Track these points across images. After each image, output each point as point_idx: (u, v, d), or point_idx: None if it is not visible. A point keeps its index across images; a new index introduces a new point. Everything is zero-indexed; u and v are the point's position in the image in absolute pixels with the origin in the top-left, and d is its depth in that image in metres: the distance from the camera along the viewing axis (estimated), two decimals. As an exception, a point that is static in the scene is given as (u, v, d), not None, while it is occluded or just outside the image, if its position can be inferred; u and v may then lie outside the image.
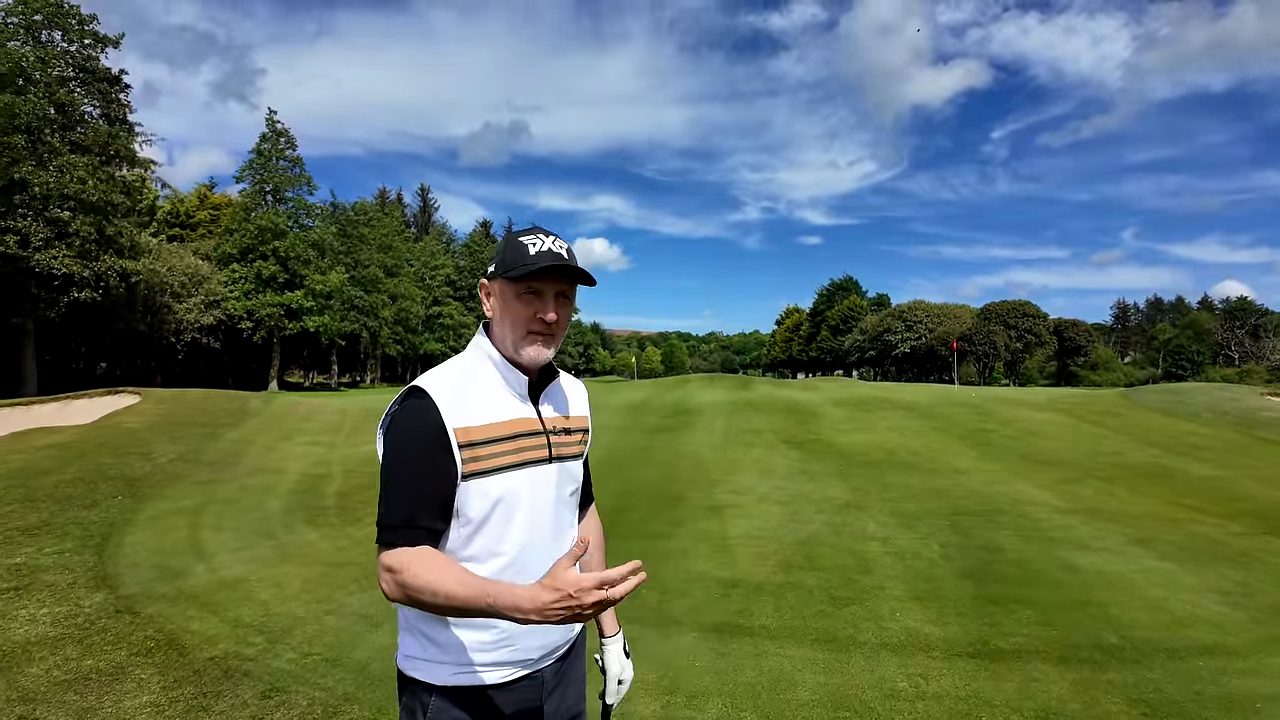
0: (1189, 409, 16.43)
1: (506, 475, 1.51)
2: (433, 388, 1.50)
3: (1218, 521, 7.50)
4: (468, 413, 1.49)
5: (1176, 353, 79.42)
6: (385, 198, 76.83)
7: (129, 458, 10.35)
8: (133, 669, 4.16)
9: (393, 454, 1.47)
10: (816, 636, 4.63)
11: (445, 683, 1.49)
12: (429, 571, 1.35)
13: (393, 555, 1.40)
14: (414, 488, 1.44)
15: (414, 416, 1.47)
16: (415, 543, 1.41)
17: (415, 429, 1.46)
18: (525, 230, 1.60)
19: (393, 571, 1.38)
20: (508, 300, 1.57)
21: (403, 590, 1.37)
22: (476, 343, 1.64)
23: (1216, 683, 3.90)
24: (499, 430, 1.52)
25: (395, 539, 1.41)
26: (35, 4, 28.61)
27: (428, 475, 1.44)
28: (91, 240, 29.22)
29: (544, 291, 1.55)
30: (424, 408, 1.47)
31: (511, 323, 1.57)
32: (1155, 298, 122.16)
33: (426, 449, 1.45)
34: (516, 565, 1.53)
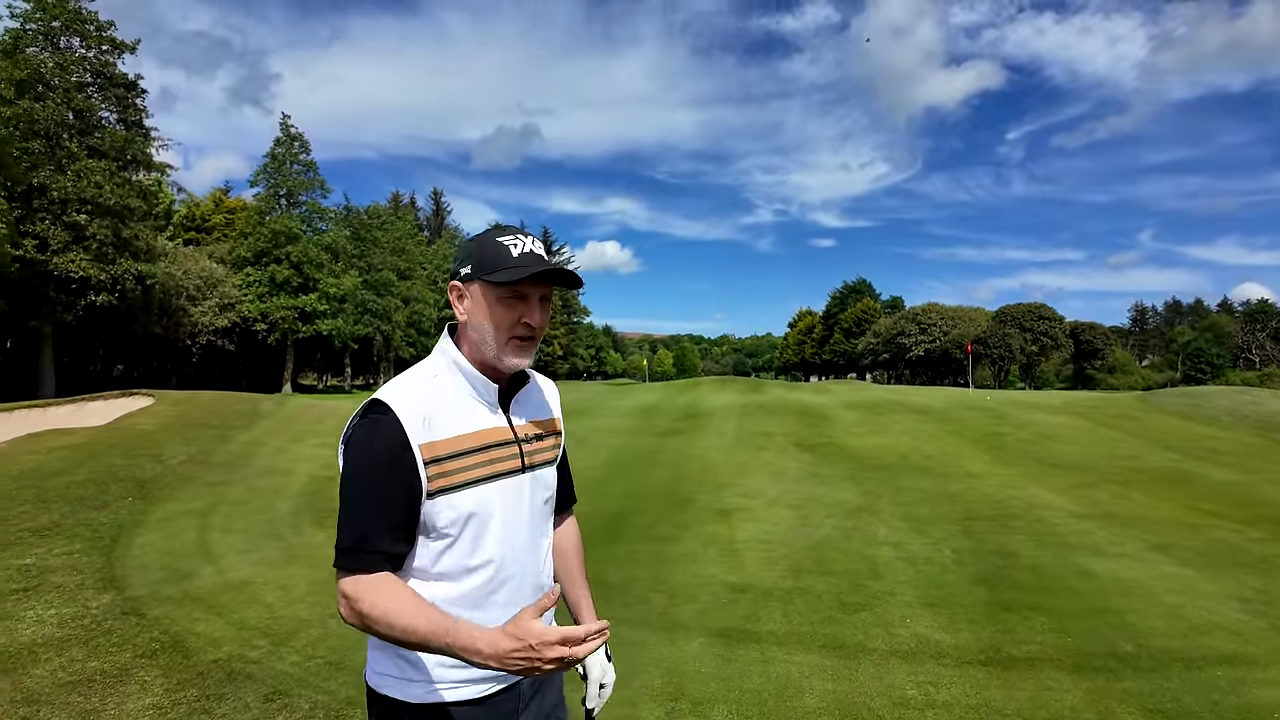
0: (1208, 413, 16.17)
1: (477, 489, 1.45)
2: (395, 400, 1.41)
3: (1237, 527, 7.36)
4: (433, 426, 1.42)
5: (1195, 356, 78.55)
6: (399, 201, 77.21)
7: (140, 459, 10.41)
8: (137, 671, 4.16)
9: (351, 473, 1.39)
10: (825, 643, 4.56)
11: (420, 700, 1.43)
12: (387, 601, 1.30)
13: (350, 582, 1.34)
14: (373, 510, 1.37)
15: (374, 432, 1.39)
16: (373, 568, 1.35)
17: (376, 446, 1.38)
18: (500, 229, 1.52)
19: (349, 599, 1.33)
20: (489, 304, 1.48)
21: (360, 619, 1.32)
22: (442, 349, 1.55)
23: (1235, 692, 3.80)
24: (467, 443, 1.45)
25: (352, 563, 1.35)
26: (54, 11, 28.99)
27: (388, 496, 1.37)
28: (108, 244, 29.53)
29: (529, 296, 1.49)
30: (386, 423, 1.39)
31: (494, 328, 1.48)
32: (1173, 300, 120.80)
33: (388, 468, 1.37)
34: (492, 581, 1.48)
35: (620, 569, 6.23)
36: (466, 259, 1.50)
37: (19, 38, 28.53)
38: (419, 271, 61.42)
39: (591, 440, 15.30)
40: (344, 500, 1.39)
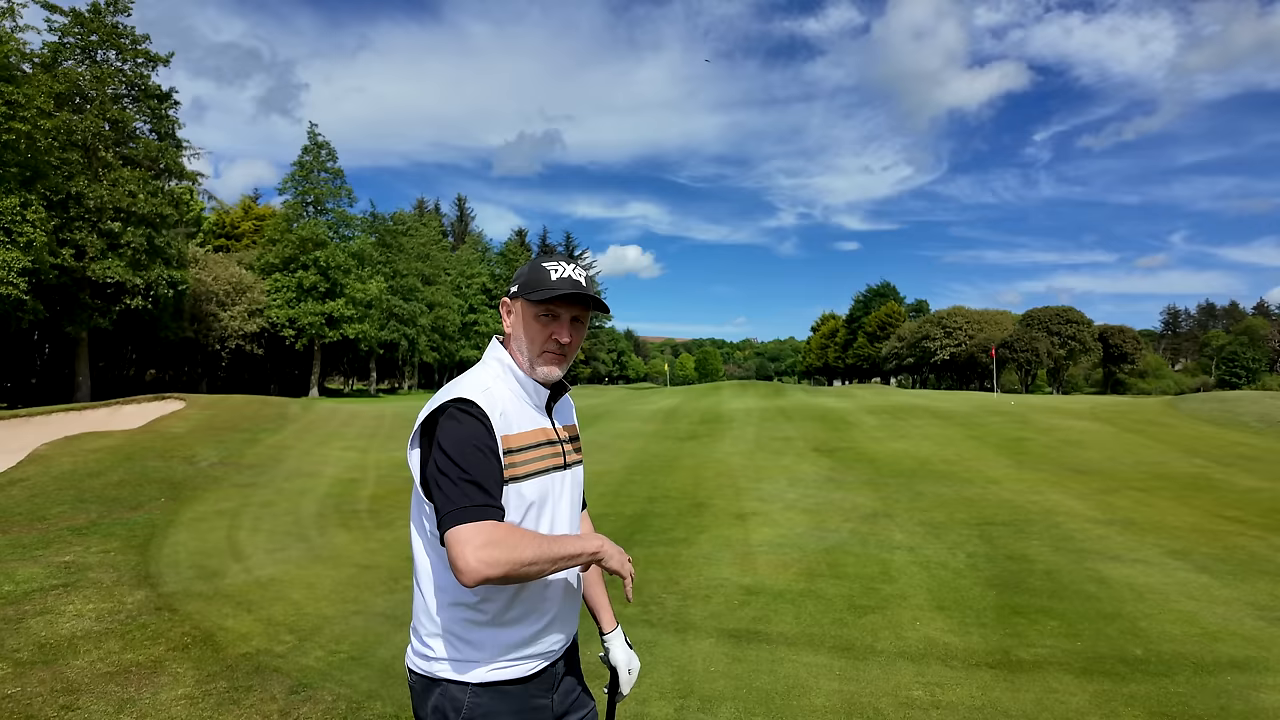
0: (1239, 418, 15.92)
1: (538, 480, 1.62)
2: (478, 397, 1.55)
3: (1260, 534, 7.28)
4: (507, 421, 1.58)
5: (1230, 360, 76.89)
6: (423, 208, 78.20)
7: (173, 461, 10.72)
8: (170, 663, 4.34)
9: (455, 449, 1.47)
10: (834, 644, 4.62)
11: (481, 680, 1.56)
12: (525, 535, 1.45)
13: (490, 528, 1.40)
14: (484, 475, 1.48)
15: (468, 422, 1.52)
16: (485, 519, 1.42)
17: (470, 429, 1.51)
18: (549, 256, 1.72)
19: (491, 544, 1.37)
20: (527, 320, 1.68)
21: (510, 553, 1.37)
22: (496, 356, 1.72)
23: (1244, 698, 3.81)
24: (529, 438, 1.62)
25: (478, 516, 1.41)
26: (92, 26, 29.87)
27: (492, 465, 1.51)
28: (142, 251, 30.30)
29: (561, 315, 1.67)
30: (475, 415, 1.53)
31: (529, 341, 1.67)
32: (1207, 303, 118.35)
33: (487, 444, 1.51)
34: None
35: (637, 570, 6.29)
36: (517, 279, 1.71)
37: (58, 51, 29.45)
38: (443, 277, 62.15)
39: (612, 444, 15.43)
40: (450, 471, 1.45)
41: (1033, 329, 68.30)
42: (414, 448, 1.61)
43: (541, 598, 1.63)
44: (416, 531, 1.64)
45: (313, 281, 44.27)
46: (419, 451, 1.59)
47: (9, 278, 23.28)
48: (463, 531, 1.38)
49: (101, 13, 30.26)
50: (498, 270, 73.73)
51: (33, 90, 24.42)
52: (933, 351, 75.24)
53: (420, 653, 1.61)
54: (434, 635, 1.59)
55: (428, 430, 1.56)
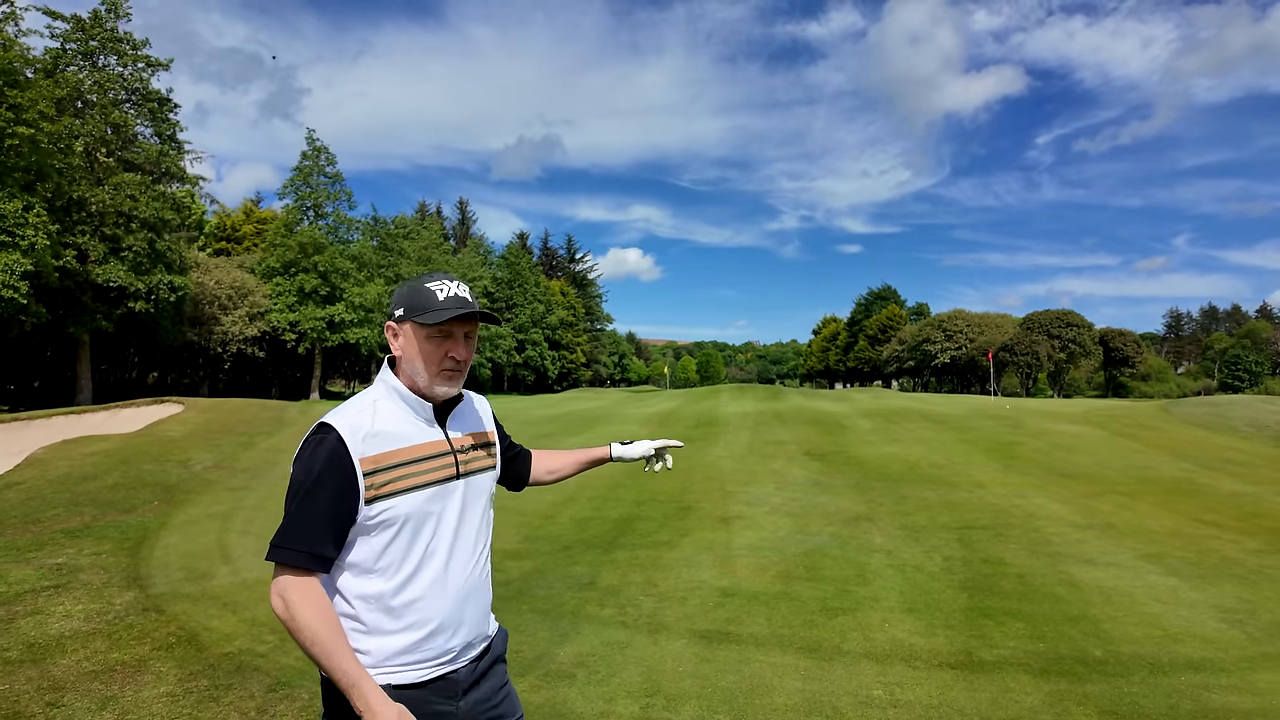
0: (1229, 422, 16.00)
1: (412, 495, 1.66)
2: (338, 422, 1.62)
3: (1235, 538, 7.37)
4: (373, 441, 1.63)
5: (1233, 363, 76.86)
6: (425, 211, 78.52)
7: (168, 465, 10.87)
8: (154, 662, 4.46)
9: (296, 482, 1.59)
10: (802, 645, 4.74)
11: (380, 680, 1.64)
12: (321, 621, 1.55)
13: (292, 584, 1.55)
14: (315, 517, 1.57)
15: (319, 448, 1.59)
16: (304, 566, 1.56)
17: (321, 462, 1.58)
18: (427, 276, 1.76)
19: (289, 602, 1.54)
20: (419, 342, 1.71)
21: (293, 619, 1.53)
22: (382, 378, 1.77)
23: (1195, 698, 3.91)
24: (404, 455, 1.67)
25: (289, 559, 1.55)
26: (93, 31, 30.13)
27: (324, 505, 1.57)
28: (144, 255, 30.51)
29: (454, 333, 1.72)
30: (329, 441, 1.60)
31: (425, 362, 1.71)
32: (1210, 306, 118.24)
33: (328, 480, 1.58)
34: (433, 576, 1.69)
35: (617, 573, 6.46)
36: (400, 303, 1.73)
37: (59, 57, 29.71)
38: (444, 280, 62.22)
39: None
40: (289, 504, 1.59)
41: (1033, 332, 68.33)
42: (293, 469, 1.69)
43: (429, 608, 1.68)
44: None
45: (313, 285, 44.45)
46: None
47: (11, 281, 23.48)
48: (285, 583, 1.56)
49: (102, 19, 30.53)
50: (500, 274, 73.97)
51: (35, 95, 24.65)
52: (933, 355, 75.26)
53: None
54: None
55: (296, 454, 1.64)
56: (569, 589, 6.00)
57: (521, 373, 74.45)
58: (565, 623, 5.20)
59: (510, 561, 6.84)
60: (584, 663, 4.47)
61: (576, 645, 4.75)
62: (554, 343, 78.56)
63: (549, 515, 8.85)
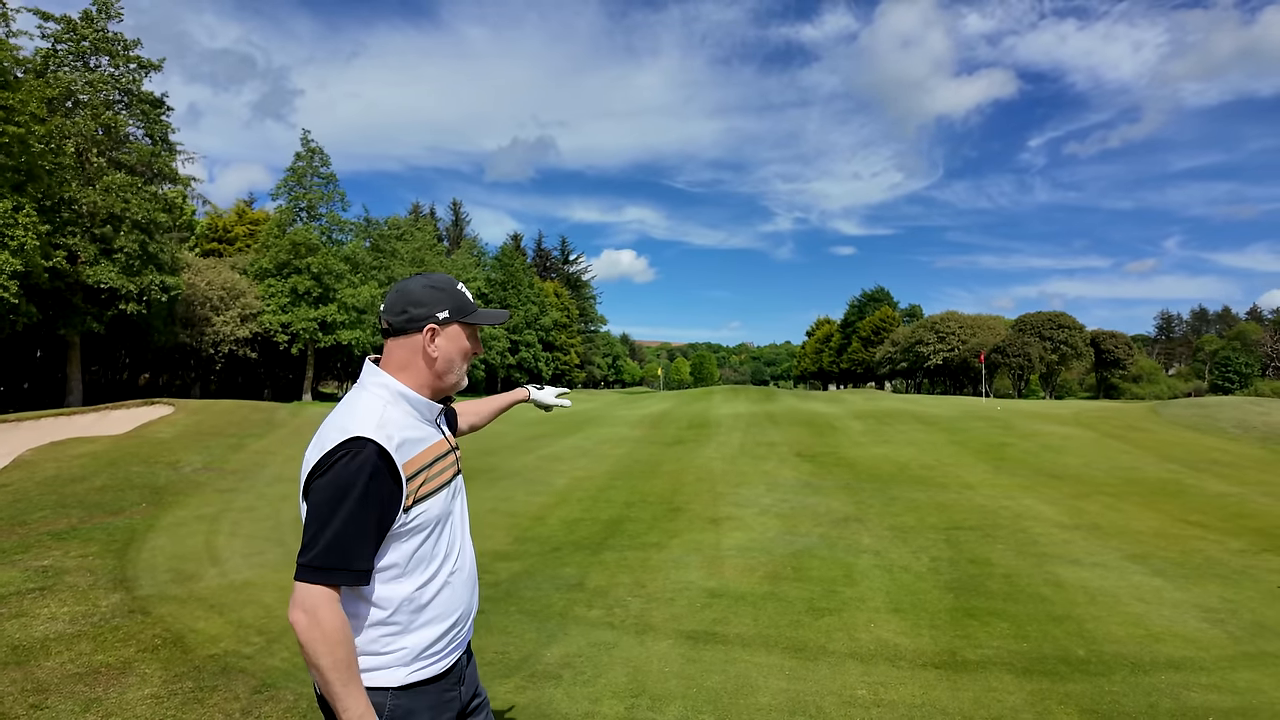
0: (1216, 424, 16.11)
1: (441, 494, 1.74)
2: (371, 432, 1.57)
3: (1219, 538, 7.43)
4: (404, 448, 1.63)
5: (1223, 365, 77.21)
6: (418, 212, 78.35)
7: (157, 467, 10.82)
8: (138, 664, 4.45)
9: (338, 498, 1.51)
10: (788, 645, 4.76)
11: (401, 682, 1.64)
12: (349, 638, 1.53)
13: (325, 602, 1.50)
14: (360, 531, 1.53)
15: (360, 462, 1.53)
16: (343, 585, 1.53)
17: (365, 474, 1.53)
18: (446, 277, 1.83)
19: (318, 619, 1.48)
20: (459, 340, 1.81)
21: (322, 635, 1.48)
22: (382, 383, 1.72)
23: (1175, 696, 3.95)
24: (428, 456, 1.71)
25: (333, 579, 1.51)
26: (84, 31, 29.99)
27: (372, 518, 1.54)
28: (135, 256, 30.34)
29: (478, 331, 1.88)
30: (369, 452, 1.55)
31: (461, 359, 1.82)
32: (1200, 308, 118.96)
33: (376, 493, 1.54)
34: (452, 565, 1.77)
35: (606, 574, 6.47)
36: (442, 304, 1.77)
37: (49, 57, 29.56)
38: (437, 281, 62.09)
39: (596, 450, 15.55)
40: (329, 523, 1.50)
41: (1025, 334, 68.55)
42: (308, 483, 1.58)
43: (452, 598, 1.75)
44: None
45: (306, 287, 44.30)
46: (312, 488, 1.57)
47: (1, 281, 23.33)
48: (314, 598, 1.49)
49: (93, 19, 30.37)
50: (493, 275, 73.83)
51: (26, 95, 24.51)
52: (926, 356, 75.44)
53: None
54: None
55: (325, 468, 1.55)
56: (557, 590, 6.01)
57: (515, 374, 74.34)
58: (553, 624, 5.21)
59: (499, 563, 6.85)
60: (570, 663, 4.48)
61: (563, 646, 4.76)
62: (548, 344, 78.48)
63: (539, 517, 8.85)
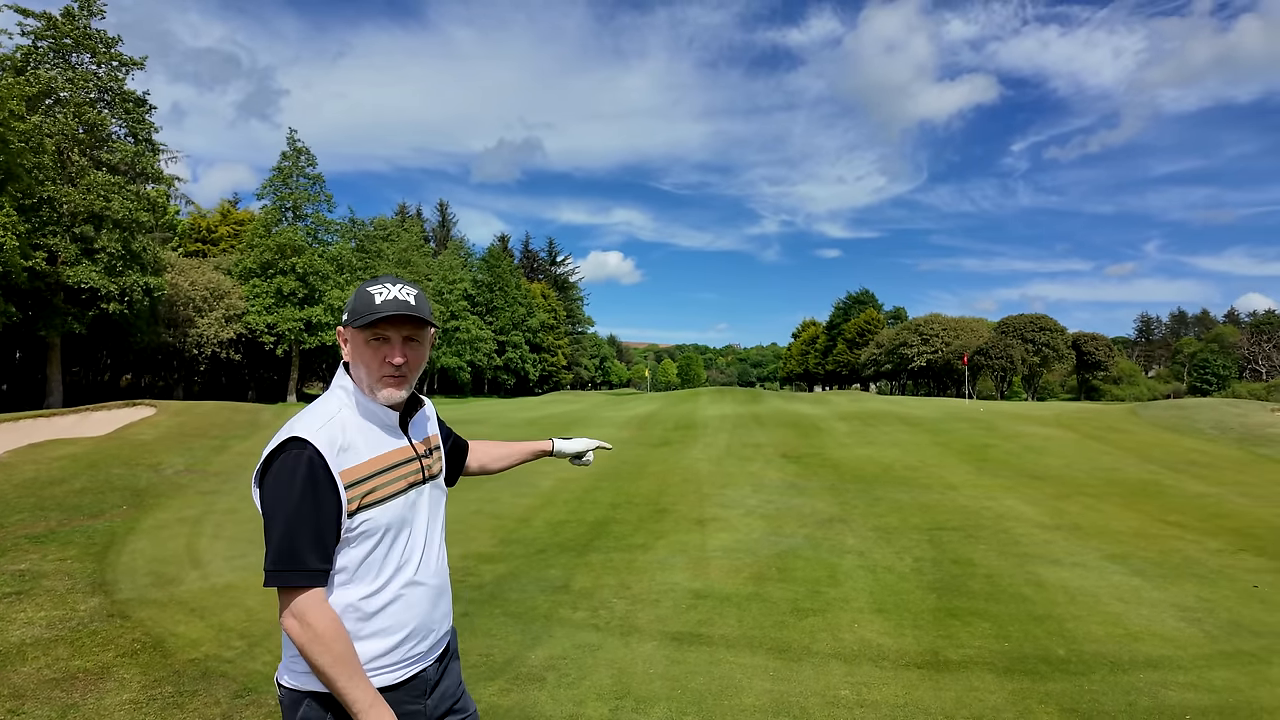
0: (1195, 425, 16.32)
1: (391, 504, 1.66)
2: (311, 435, 1.56)
3: (1197, 538, 7.53)
4: (347, 454, 1.60)
5: (1201, 367, 78.23)
6: (405, 213, 77.99)
7: (138, 469, 10.70)
8: (117, 669, 4.40)
9: (280, 499, 1.53)
10: (772, 646, 4.77)
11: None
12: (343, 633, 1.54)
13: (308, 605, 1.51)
14: (305, 531, 1.52)
15: (296, 464, 1.54)
16: (308, 585, 1.52)
17: (299, 475, 1.53)
18: (375, 279, 1.72)
19: (307, 622, 1.49)
20: (359, 347, 1.68)
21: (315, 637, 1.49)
22: (341, 385, 1.72)
23: (1153, 695, 4.00)
24: (378, 464, 1.65)
25: (292, 580, 1.51)
26: (65, 29, 29.63)
27: (317, 519, 1.53)
28: (117, 256, 30.01)
29: (391, 337, 1.68)
30: (305, 456, 1.54)
31: (365, 368, 1.68)
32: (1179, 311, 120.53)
33: (314, 494, 1.53)
34: (407, 578, 1.70)
35: (591, 575, 6.46)
36: (346, 308, 1.72)
37: (29, 54, 29.18)
38: (424, 283, 61.91)
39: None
40: (274, 526, 1.53)
41: (1007, 336, 69.22)
42: (255, 486, 1.61)
43: (406, 611, 1.69)
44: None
45: (291, 287, 44.00)
46: (259, 492, 1.59)
47: (-22, 281, 23.03)
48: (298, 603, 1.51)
49: (75, 16, 30.03)
50: (480, 276, 73.61)
51: (5, 93, 24.19)
52: (910, 358, 75.99)
53: (290, 669, 1.63)
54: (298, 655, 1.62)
55: (265, 471, 1.57)
56: (542, 592, 6.00)
57: (502, 376, 74.12)
58: (537, 626, 5.20)
59: (484, 565, 6.83)
60: (555, 666, 4.47)
61: (548, 648, 4.76)
62: (535, 345, 78.30)
63: (524, 518, 8.83)
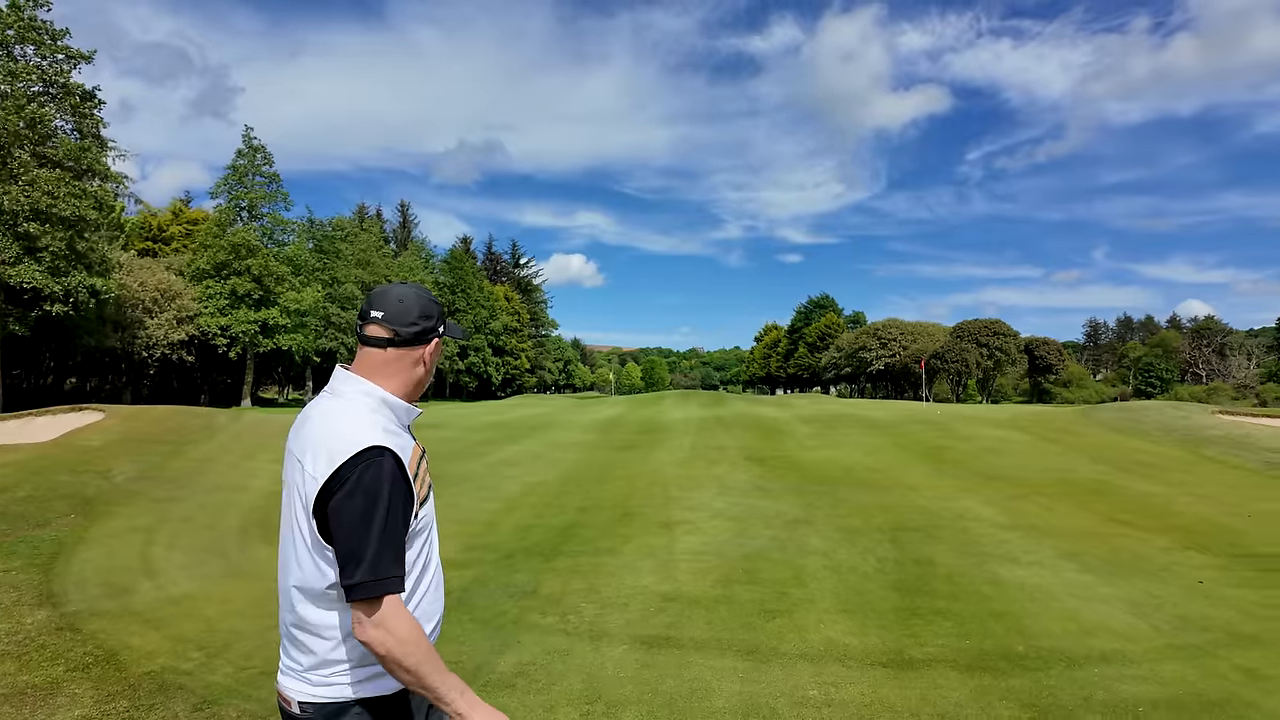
0: (1141, 427, 16.89)
1: (430, 499, 1.76)
2: (385, 441, 1.58)
3: (1145, 536, 7.81)
4: (405, 453, 1.63)
5: (1146, 370, 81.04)
6: (364, 214, 76.64)
7: (86, 476, 10.33)
8: (68, 684, 4.25)
9: (371, 511, 1.51)
10: (741, 648, 4.82)
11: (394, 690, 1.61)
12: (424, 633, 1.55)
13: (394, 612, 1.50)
14: (397, 539, 1.55)
15: (382, 471, 1.55)
16: (400, 590, 1.53)
17: (389, 484, 1.55)
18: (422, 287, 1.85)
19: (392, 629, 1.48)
20: (434, 354, 1.83)
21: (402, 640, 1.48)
22: (365, 390, 1.70)
23: (1107, 689, 4.13)
24: (415, 461, 1.70)
25: (396, 587, 1.52)
26: (7, 19, 28.50)
27: (401, 526, 1.58)
28: (62, 256, 28.94)
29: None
30: (389, 461, 1.56)
31: (428, 374, 1.83)
32: (1125, 316, 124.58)
33: (400, 501, 1.57)
34: (429, 572, 1.74)
35: (559, 580, 6.44)
36: (437, 315, 1.81)
37: (-31, 45, 28.03)
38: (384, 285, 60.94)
39: (548, 455, 15.46)
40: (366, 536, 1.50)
41: (963, 340, 70.78)
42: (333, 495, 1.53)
43: (434, 601, 1.74)
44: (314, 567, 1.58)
45: (246, 289, 42.93)
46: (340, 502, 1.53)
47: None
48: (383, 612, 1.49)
49: (20, 7, 28.88)
50: (442, 278, 72.74)
51: (-59, 85, 23.20)
52: (869, 361, 77.30)
53: (323, 683, 1.60)
54: (343, 664, 1.60)
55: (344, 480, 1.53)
56: (510, 598, 5.96)
57: (464, 379, 73.32)
58: (506, 632, 5.16)
59: (450, 571, 6.75)
60: (524, 672, 4.45)
61: (517, 654, 4.73)
62: (498, 349, 77.64)
63: (490, 524, 8.76)
